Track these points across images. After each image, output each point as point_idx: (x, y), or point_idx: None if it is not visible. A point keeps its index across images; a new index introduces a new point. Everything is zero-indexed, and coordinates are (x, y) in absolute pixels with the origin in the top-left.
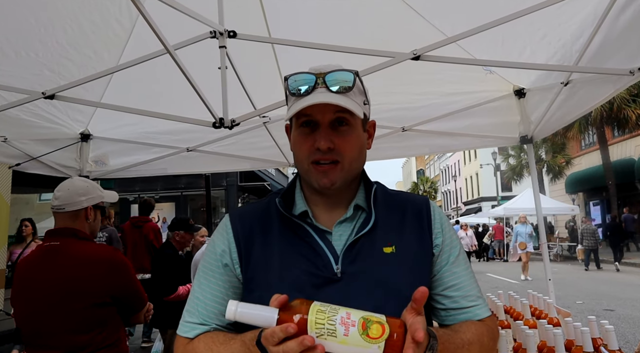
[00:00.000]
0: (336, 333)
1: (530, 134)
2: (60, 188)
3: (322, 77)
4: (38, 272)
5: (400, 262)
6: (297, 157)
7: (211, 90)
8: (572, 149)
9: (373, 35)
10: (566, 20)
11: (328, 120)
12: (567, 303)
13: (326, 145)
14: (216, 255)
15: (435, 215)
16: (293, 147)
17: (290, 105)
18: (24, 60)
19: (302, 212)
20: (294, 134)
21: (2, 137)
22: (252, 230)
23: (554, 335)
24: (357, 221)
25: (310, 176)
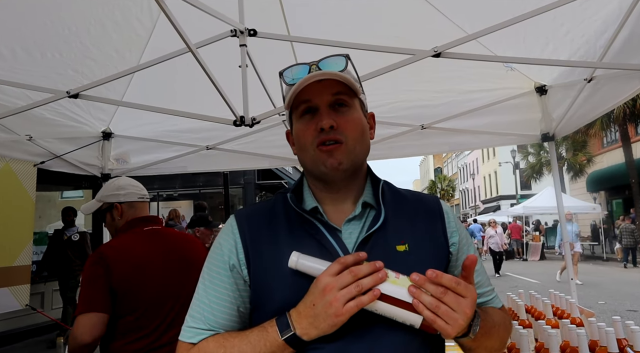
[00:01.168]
0: (389, 276)
1: (551, 131)
2: (126, 181)
3: (315, 64)
4: (159, 257)
5: (414, 261)
6: (302, 148)
7: (231, 88)
8: (593, 146)
9: (392, 33)
10: (590, 16)
11: (326, 102)
12: (589, 304)
13: (329, 123)
14: (223, 257)
15: (448, 214)
16: (297, 139)
17: (287, 95)
18: (49, 61)
19: (313, 208)
20: (295, 127)
21: (27, 136)
22: (259, 230)
23: (577, 335)
24: (367, 219)
25: (317, 161)
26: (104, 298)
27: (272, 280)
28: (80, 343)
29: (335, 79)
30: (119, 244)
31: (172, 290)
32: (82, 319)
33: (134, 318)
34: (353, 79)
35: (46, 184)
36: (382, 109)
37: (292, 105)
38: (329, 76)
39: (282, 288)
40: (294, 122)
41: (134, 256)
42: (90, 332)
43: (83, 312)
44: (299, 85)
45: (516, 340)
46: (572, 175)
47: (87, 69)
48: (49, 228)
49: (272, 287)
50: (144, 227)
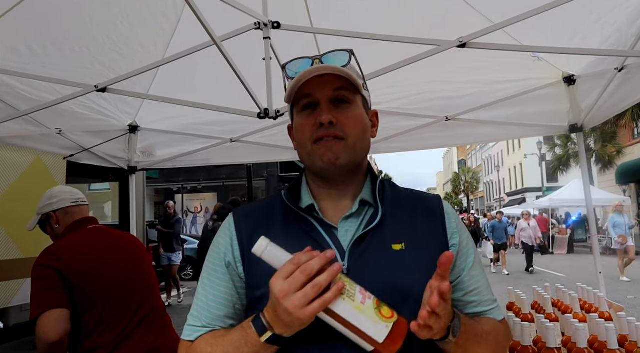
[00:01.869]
0: (354, 298)
1: (580, 122)
2: (60, 190)
3: (318, 59)
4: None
5: (410, 260)
6: (300, 142)
7: (255, 81)
8: (623, 137)
9: (417, 24)
10: (622, 2)
11: (328, 97)
12: (618, 298)
13: (328, 119)
14: (219, 255)
15: (449, 214)
16: (296, 134)
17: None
18: (78, 55)
19: (309, 205)
20: (296, 121)
21: (57, 129)
22: (255, 227)
23: (606, 329)
24: (364, 217)
25: (314, 156)
26: (59, 295)
27: (268, 276)
28: (48, 341)
29: (337, 73)
30: (67, 242)
31: (133, 283)
32: (43, 319)
33: (97, 313)
34: (356, 75)
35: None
36: (406, 101)
37: (294, 99)
38: (331, 71)
39: None
40: (294, 116)
41: (85, 252)
42: (55, 328)
43: (42, 311)
44: (300, 78)
45: (542, 334)
46: (600, 167)
47: (114, 63)
48: None
49: (267, 284)
50: (87, 226)
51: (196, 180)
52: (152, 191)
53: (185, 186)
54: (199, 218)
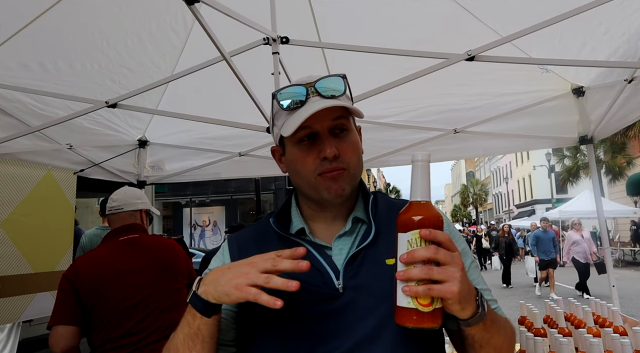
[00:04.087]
0: None
1: (590, 134)
2: (117, 193)
3: (312, 86)
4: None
5: None
6: (300, 174)
7: (263, 95)
8: (633, 148)
9: (423, 37)
10: (630, 14)
11: (327, 127)
12: (632, 311)
13: (333, 153)
14: None
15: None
16: (293, 164)
17: (282, 121)
18: (89, 72)
19: (299, 229)
20: (291, 152)
21: (68, 145)
22: (248, 253)
23: (621, 344)
24: (358, 234)
25: (319, 188)
26: (70, 311)
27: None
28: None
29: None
30: (90, 256)
31: (145, 305)
32: (52, 331)
33: (104, 331)
34: (348, 99)
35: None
36: (415, 113)
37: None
38: (334, 105)
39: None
40: (287, 145)
41: (99, 270)
42: (58, 343)
43: (52, 324)
44: (304, 118)
45: (556, 349)
46: (610, 178)
47: (124, 79)
48: None
49: (261, 309)
50: (119, 238)
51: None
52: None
53: (193, 200)
54: (207, 231)
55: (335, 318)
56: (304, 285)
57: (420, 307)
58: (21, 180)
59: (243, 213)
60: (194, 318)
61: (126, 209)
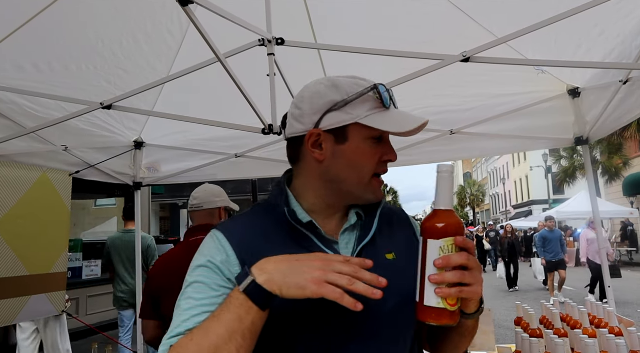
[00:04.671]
0: None
1: (585, 134)
2: (198, 191)
3: (389, 92)
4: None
5: (401, 269)
6: (358, 168)
7: (259, 97)
8: (629, 149)
9: (419, 38)
10: (625, 16)
11: (388, 134)
12: (628, 312)
13: (396, 158)
14: (212, 269)
15: (415, 224)
16: (355, 156)
17: (368, 112)
18: (84, 73)
19: (308, 222)
20: (359, 146)
21: (63, 146)
22: (252, 243)
23: (616, 345)
24: (358, 229)
25: (369, 188)
26: (148, 307)
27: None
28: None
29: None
30: (167, 255)
31: None
32: (142, 322)
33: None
34: None
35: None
36: None
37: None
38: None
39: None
40: (354, 136)
41: (165, 272)
42: (144, 334)
43: (139, 317)
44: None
45: (552, 350)
46: (607, 178)
47: (119, 80)
48: (83, 236)
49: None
50: (190, 238)
51: None
52: (157, 206)
53: None
54: None
55: (348, 311)
56: None
57: (449, 306)
58: (16, 182)
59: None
60: (248, 311)
61: (205, 207)
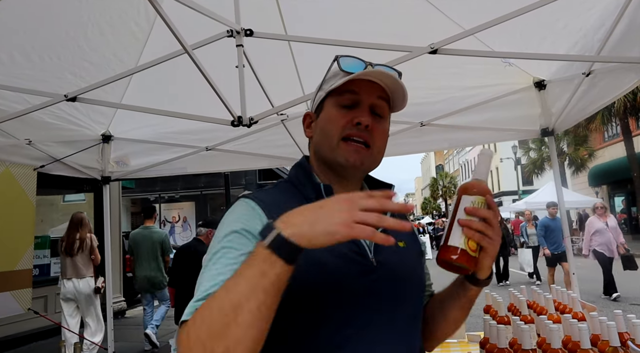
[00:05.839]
0: None
1: (551, 126)
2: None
3: (371, 66)
4: None
5: (410, 256)
6: (327, 133)
7: (229, 89)
8: (594, 140)
9: (389, 30)
10: (587, 9)
11: (370, 102)
12: (592, 299)
13: (367, 121)
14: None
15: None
16: (325, 123)
17: (334, 82)
18: (47, 65)
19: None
20: (329, 111)
21: (27, 140)
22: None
23: (579, 329)
24: None
25: (338, 152)
26: None
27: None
28: None
29: (382, 85)
30: None
31: None
32: None
33: None
34: None
35: (48, 188)
36: None
37: (336, 90)
38: (396, 83)
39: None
40: (326, 106)
41: None
42: None
43: None
44: (365, 73)
45: (518, 336)
46: (573, 169)
47: (85, 72)
48: (51, 232)
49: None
50: None
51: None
52: (128, 201)
53: (162, 196)
54: (177, 227)
55: (371, 290)
56: (348, 253)
57: (469, 250)
58: None
59: (213, 209)
60: (272, 266)
61: None
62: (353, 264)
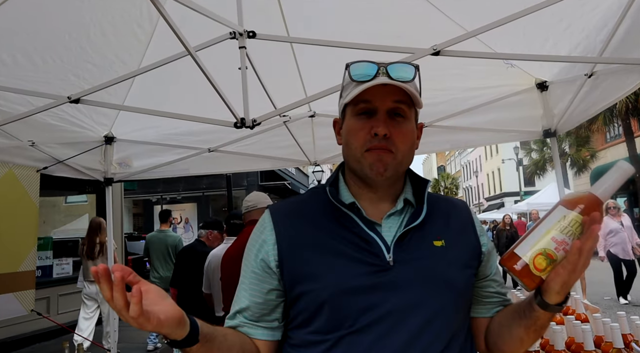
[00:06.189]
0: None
1: (553, 127)
2: (251, 196)
3: (384, 66)
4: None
5: (450, 256)
6: (350, 145)
7: (232, 91)
8: (596, 141)
9: (391, 32)
10: (589, 10)
11: (386, 107)
12: (595, 300)
13: (384, 131)
14: (253, 254)
15: (475, 218)
16: (347, 134)
17: (349, 91)
18: (50, 67)
19: (350, 203)
20: (348, 123)
21: (30, 141)
22: (292, 221)
23: (582, 331)
24: (405, 215)
25: (363, 163)
26: None
27: (310, 271)
28: None
29: (402, 88)
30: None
31: None
32: None
33: None
34: (416, 89)
35: (50, 189)
36: None
37: (351, 100)
38: (399, 85)
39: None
40: (347, 117)
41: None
42: None
43: None
44: (365, 87)
45: None
46: (575, 170)
47: (87, 74)
48: (53, 234)
49: (311, 278)
50: (248, 229)
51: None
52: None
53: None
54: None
55: (383, 290)
56: (356, 255)
57: (533, 267)
58: None
59: (215, 210)
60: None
61: (259, 206)
62: (360, 264)
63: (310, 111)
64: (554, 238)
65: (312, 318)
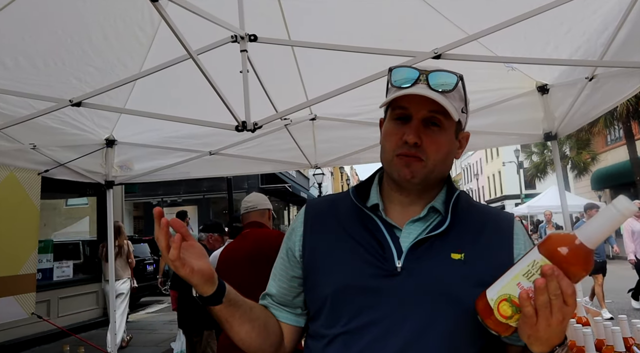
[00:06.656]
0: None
1: (554, 130)
2: (250, 196)
3: (425, 74)
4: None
5: (467, 271)
6: (384, 148)
7: (233, 94)
8: (597, 144)
9: (393, 35)
10: (590, 14)
11: (421, 116)
12: (595, 302)
13: (413, 140)
14: (285, 240)
15: (518, 235)
16: (383, 137)
17: (390, 94)
18: (52, 70)
19: (374, 204)
20: (386, 125)
21: (31, 144)
22: (321, 216)
23: (583, 334)
24: (431, 223)
25: (392, 167)
26: None
27: (323, 264)
28: None
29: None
30: (229, 247)
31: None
32: None
33: None
34: (459, 98)
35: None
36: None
37: (390, 104)
38: (431, 96)
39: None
40: (386, 119)
41: (224, 254)
42: None
43: None
44: (399, 94)
45: None
46: (576, 173)
47: (89, 77)
48: (54, 236)
49: (321, 271)
50: (241, 231)
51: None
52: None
53: (165, 199)
54: None
55: (387, 296)
56: (367, 257)
57: (498, 313)
58: None
59: (216, 213)
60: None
61: (259, 208)
62: (368, 266)
63: (311, 114)
64: (520, 285)
65: (319, 312)
